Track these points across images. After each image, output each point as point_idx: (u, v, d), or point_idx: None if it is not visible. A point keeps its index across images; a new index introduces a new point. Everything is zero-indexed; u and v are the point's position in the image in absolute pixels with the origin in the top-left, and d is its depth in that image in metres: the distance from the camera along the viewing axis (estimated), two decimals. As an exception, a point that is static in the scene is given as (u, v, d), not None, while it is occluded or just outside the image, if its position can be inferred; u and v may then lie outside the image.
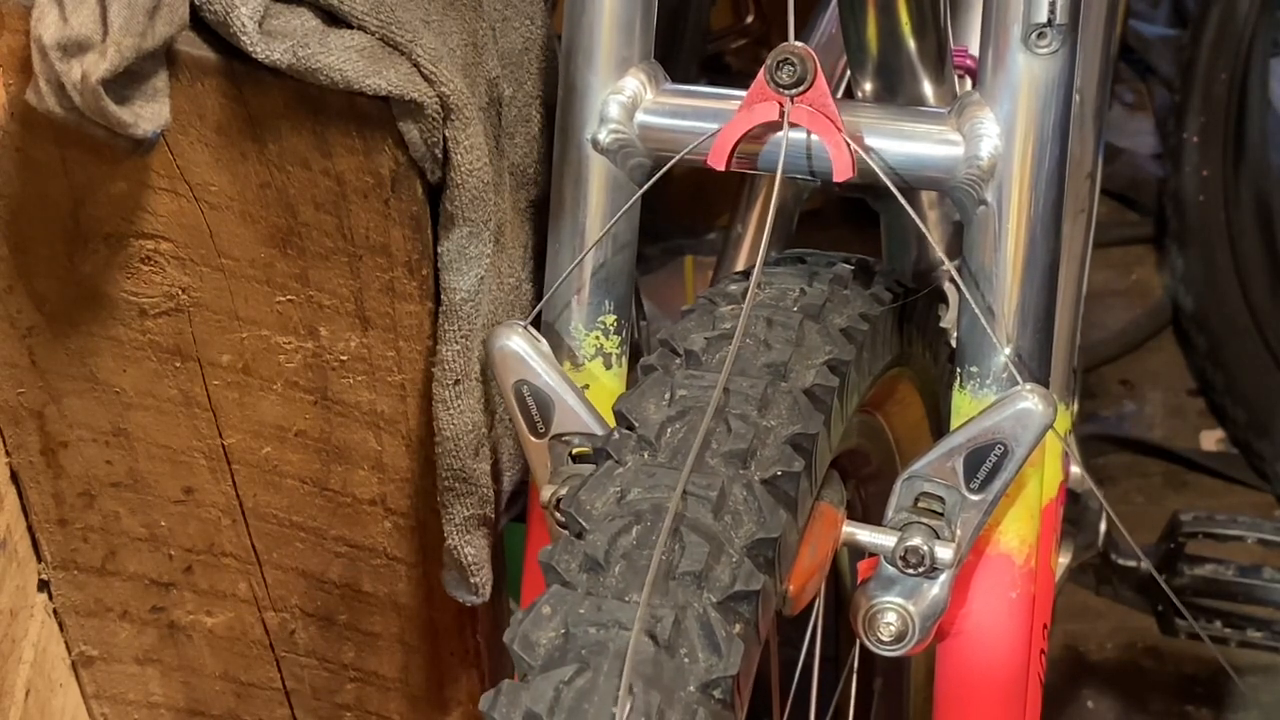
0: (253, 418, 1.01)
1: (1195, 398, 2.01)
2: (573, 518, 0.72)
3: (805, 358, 0.80)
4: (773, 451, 0.74)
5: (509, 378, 0.86)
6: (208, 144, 0.91)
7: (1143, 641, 1.69)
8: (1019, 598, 0.88)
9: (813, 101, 0.82)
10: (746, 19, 1.91)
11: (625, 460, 0.75)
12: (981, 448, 0.82)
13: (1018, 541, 0.87)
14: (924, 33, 0.96)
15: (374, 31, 0.88)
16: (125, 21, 0.81)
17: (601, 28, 0.88)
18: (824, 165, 0.84)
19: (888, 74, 0.97)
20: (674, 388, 0.78)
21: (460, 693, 1.15)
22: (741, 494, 0.72)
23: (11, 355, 0.99)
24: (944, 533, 0.83)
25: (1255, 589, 1.42)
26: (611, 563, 0.69)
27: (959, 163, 0.83)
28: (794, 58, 0.81)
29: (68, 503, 1.05)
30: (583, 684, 0.65)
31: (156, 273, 0.95)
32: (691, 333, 0.82)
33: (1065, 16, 0.80)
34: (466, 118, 0.90)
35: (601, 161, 0.89)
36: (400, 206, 0.93)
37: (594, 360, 0.91)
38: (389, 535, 1.06)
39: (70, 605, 1.10)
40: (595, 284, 0.91)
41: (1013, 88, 0.82)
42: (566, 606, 0.68)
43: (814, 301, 0.84)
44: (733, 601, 0.69)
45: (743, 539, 0.71)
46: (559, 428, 0.86)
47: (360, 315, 0.97)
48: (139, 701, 1.15)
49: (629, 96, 0.88)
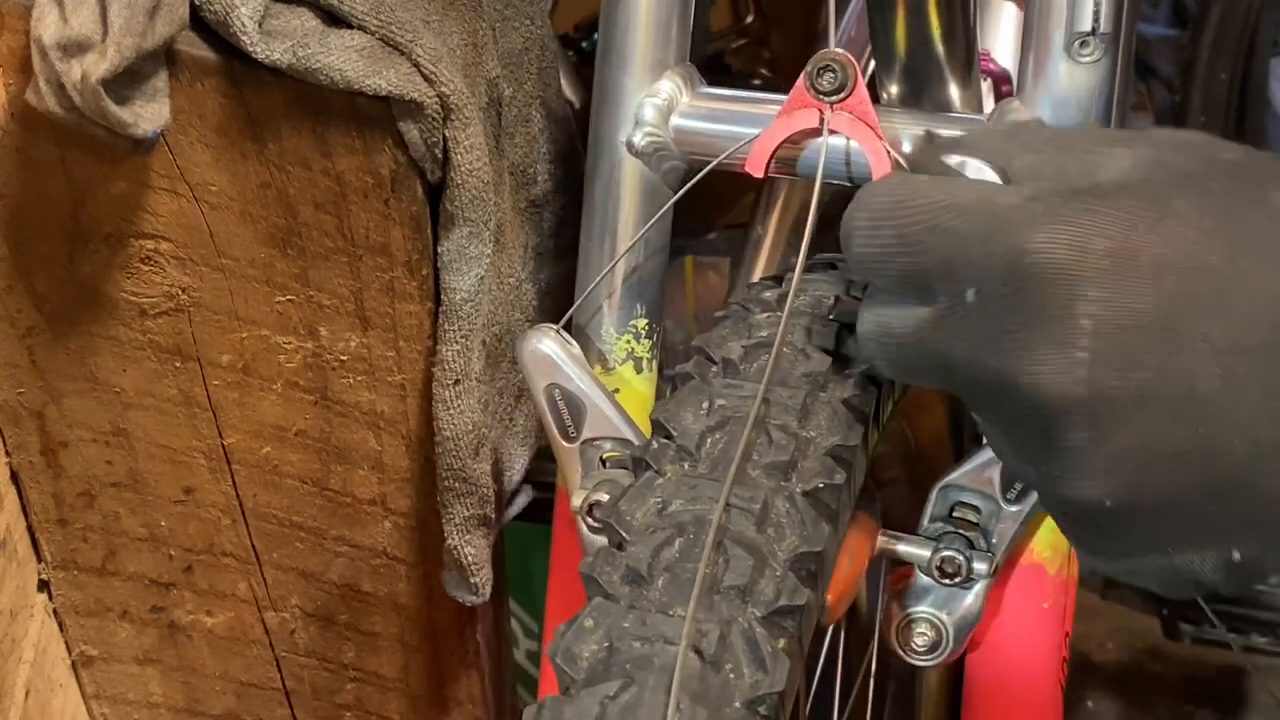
0: (253, 418, 1.01)
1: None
2: (613, 528, 0.71)
3: (844, 367, 0.79)
4: (814, 463, 0.73)
5: (540, 381, 0.85)
6: (208, 144, 0.91)
7: (1143, 642, 1.69)
8: (1051, 608, 0.87)
9: (853, 108, 0.81)
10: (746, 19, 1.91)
11: (665, 470, 0.74)
12: None
13: (1050, 552, 0.86)
14: (953, 36, 0.95)
15: (374, 31, 0.88)
16: (125, 21, 0.81)
17: (638, 30, 0.87)
18: (862, 171, 0.83)
19: (915, 77, 0.97)
20: (712, 397, 0.77)
21: (460, 693, 1.15)
22: (784, 506, 0.71)
23: (11, 355, 0.99)
24: (980, 543, 0.82)
25: (1260, 594, 1.42)
26: (655, 575, 0.68)
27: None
28: (835, 64, 0.80)
29: (68, 503, 1.05)
30: (628, 699, 0.63)
31: (156, 273, 0.95)
32: (728, 340, 0.80)
33: (1109, 25, 0.80)
34: (466, 118, 0.90)
35: (635, 164, 0.88)
36: (400, 206, 0.93)
37: (625, 364, 0.91)
38: (389, 535, 1.06)
39: (70, 605, 1.10)
40: (627, 288, 0.90)
41: (1053, 95, 0.81)
42: (609, 620, 0.67)
43: (850, 309, 0.82)
44: (777, 616, 0.68)
45: (785, 552, 0.70)
46: (590, 432, 0.85)
47: (360, 315, 0.97)
48: (139, 701, 1.15)
49: (665, 99, 0.87)
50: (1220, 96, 2.04)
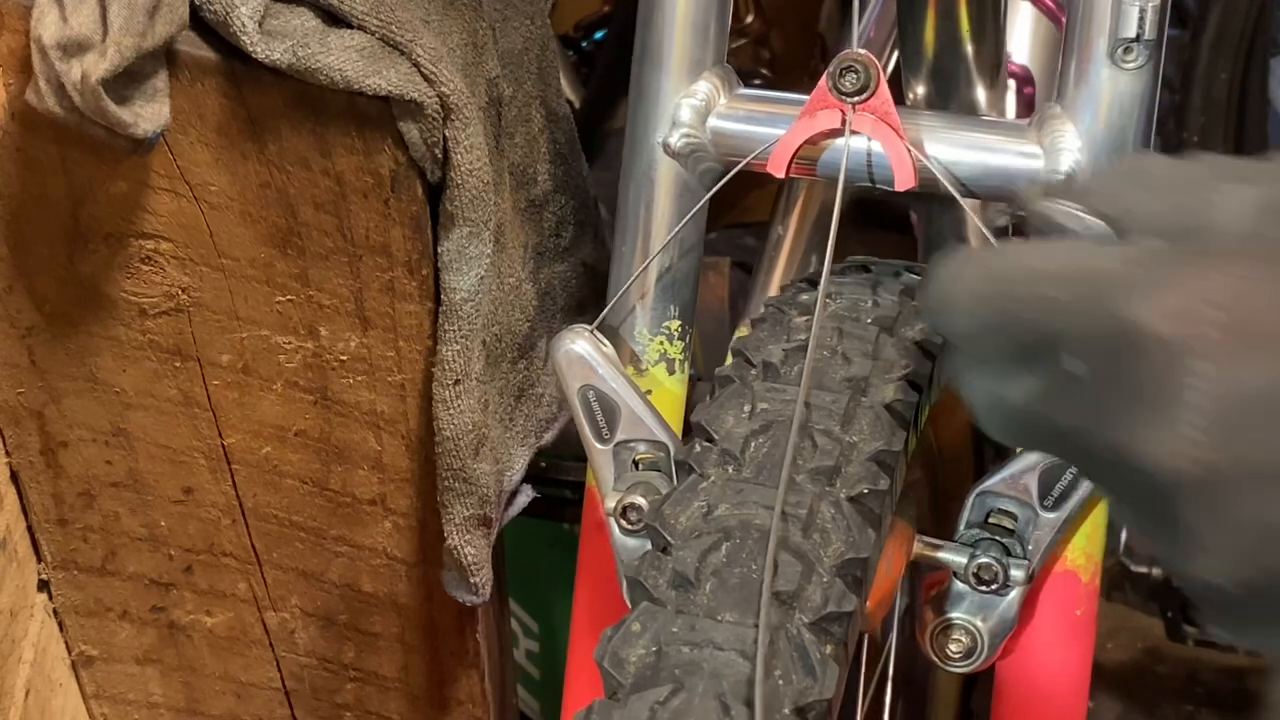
0: (253, 418, 1.01)
1: (1195, 398, 2.00)
2: (658, 532, 0.71)
3: (884, 372, 0.79)
4: (858, 469, 0.73)
5: (574, 382, 0.85)
6: (208, 144, 0.91)
7: (1145, 642, 1.69)
8: (1083, 615, 0.87)
9: (875, 109, 0.81)
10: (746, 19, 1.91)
11: (709, 474, 0.73)
12: (1056, 465, 0.81)
13: (1084, 559, 0.86)
14: (983, 37, 0.95)
15: (374, 31, 0.88)
16: (125, 21, 0.81)
17: (675, 31, 0.86)
18: (884, 173, 0.83)
19: (942, 78, 0.97)
20: (754, 400, 0.76)
21: (460, 693, 1.15)
22: (829, 512, 0.71)
23: (11, 355, 0.99)
24: (1016, 550, 0.82)
25: None
26: (702, 580, 0.68)
27: (1038, 176, 0.82)
28: (857, 65, 0.80)
29: (68, 503, 1.05)
30: (678, 704, 0.63)
31: (156, 273, 0.95)
32: (766, 343, 0.80)
33: (1153, 32, 0.79)
34: (466, 118, 0.90)
35: (671, 165, 0.88)
36: (400, 206, 0.93)
37: (657, 365, 0.90)
38: (389, 535, 1.06)
39: (70, 605, 1.10)
40: (660, 289, 0.90)
41: (1095, 102, 0.81)
42: (657, 624, 0.67)
43: (887, 313, 0.82)
44: (825, 622, 0.67)
45: (832, 558, 0.70)
46: (624, 434, 0.84)
47: (360, 315, 0.97)
48: (139, 701, 1.15)
49: (702, 100, 0.87)
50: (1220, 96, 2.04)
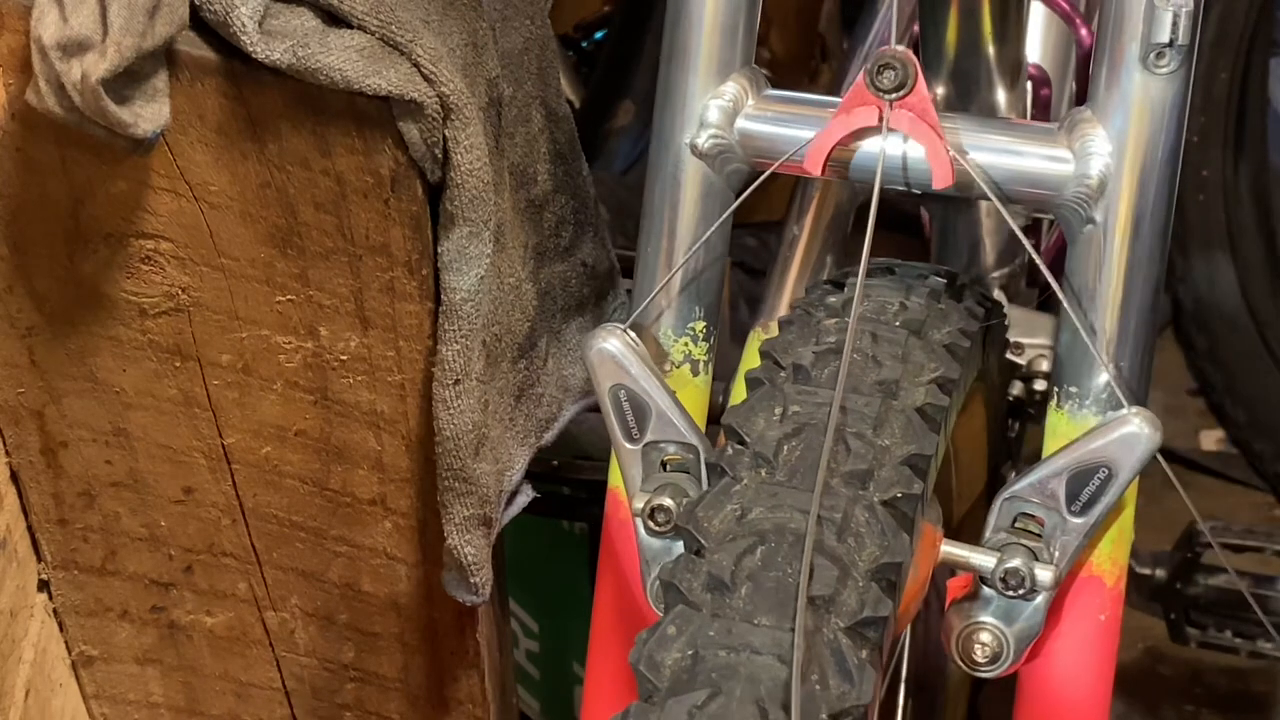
0: (253, 418, 1.01)
1: (1195, 397, 2.01)
2: (691, 535, 0.71)
3: (914, 375, 0.79)
4: (891, 472, 0.73)
5: (606, 381, 0.84)
6: (208, 144, 0.91)
7: (1145, 642, 1.69)
8: (1108, 620, 0.87)
9: (913, 107, 0.80)
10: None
11: (741, 477, 0.73)
12: (1084, 471, 0.80)
13: (1109, 564, 0.86)
14: (1004, 39, 0.95)
15: (374, 31, 0.88)
16: (125, 21, 0.81)
17: (703, 32, 0.86)
18: (920, 173, 0.82)
19: (963, 79, 0.96)
20: (786, 403, 0.76)
21: (460, 693, 1.15)
22: (863, 516, 0.71)
23: (11, 355, 0.99)
24: (1043, 555, 0.81)
25: (1269, 600, 1.42)
26: (738, 584, 0.68)
27: (1068, 180, 0.82)
28: (895, 62, 0.79)
29: (68, 503, 1.05)
30: (715, 708, 0.63)
31: (156, 273, 0.95)
32: (795, 345, 0.80)
33: (1186, 37, 0.79)
34: (466, 118, 0.90)
35: (698, 166, 0.87)
36: (400, 206, 0.93)
37: (682, 366, 0.90)
38: (389, 535, 1.06)
39: (70, 605, 1.10)
40: (686, 290, 0.89)
41: (1127, 106, 0.80)
42: (693, 628, 0.67)
43: (916, 316, 0.82)
44: (861, 627, 0.67)
45: (866, 562, 0.70)
46: (654, 435, 0.84)
47: (360, 315, 0.97)
48: (139, 701, 1.15)
49: (730, 101, 0.86)
50: (1220, 96, 2.04)
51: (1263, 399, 1.92)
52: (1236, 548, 1.44)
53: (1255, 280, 1.98)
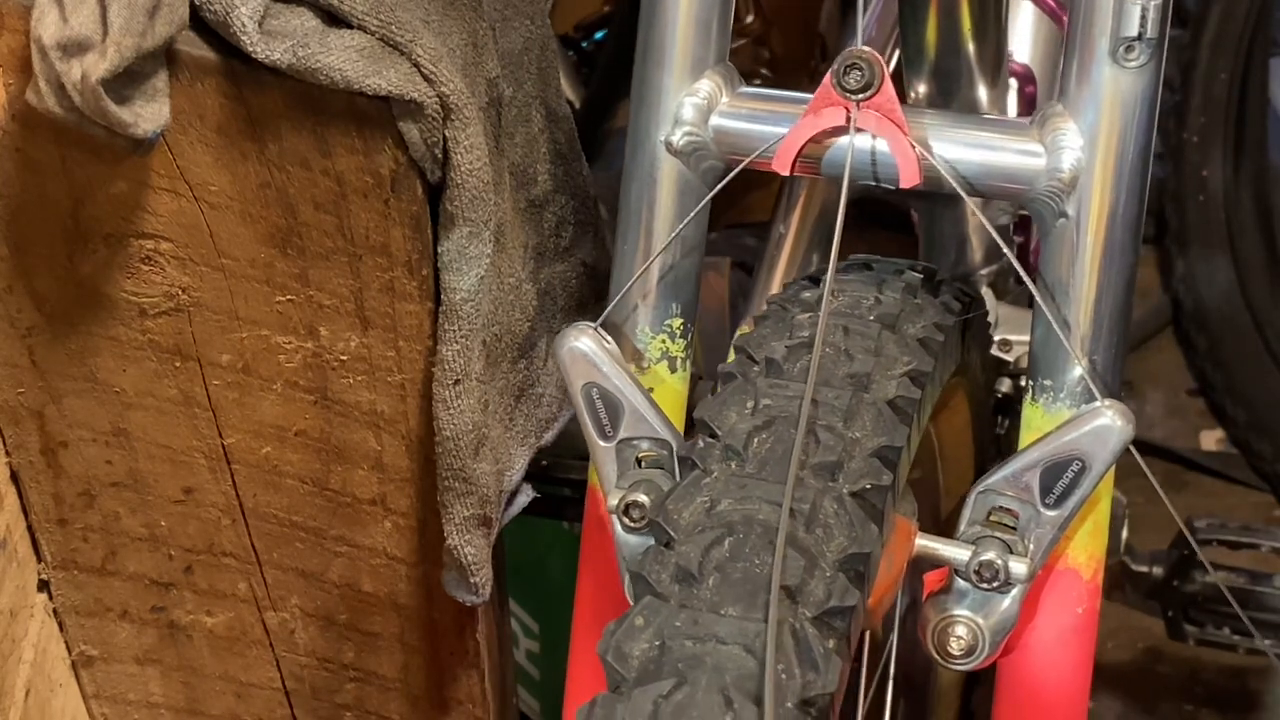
0: (253, 418, 1.01)
1: (1195, 398, 2.01)
2: (661, 527, 0.72)
3: (886, 368, 0.79)
4: (860, 464, 0.74)
5: (578, 380, 0.85)
6: (208, 144, 0.91)
7: (1144, 641, 1.69)
8: (1085, 613, 0.87)
9: (879, 106, 0.81)
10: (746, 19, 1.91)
11: (712, 469, 0.74)
12: (1058, 464, 0.81)
13: (1086, 557, 0.86)
14: (984, 37, 0.95)
15: (374, 31, 0.88)
16: (125, 21, 0.81)
17: (677, 29, 0.86)
18: (889, 171, 0.83)
19: (944, 77, 0.96)
20: (757, 396, 0.77)
21: (460, 693, 1.15)
22: (832, 507, 0.72)
23: (11, 355, 0.99)
24: (1017, 548, 0.82)
25: (1267, 596, 1.42)
26: (705, 575, 0.69)
27: (1040, 175, 0.82)
28: (862, 62, 0.80)
29: (68, 503, 1.05)
30: (681, 698, 0.64)
31: (156, 273, 0.95)
32: (769, 340, 0.81)
33: (1155, 31, 0.79)
34: (466, 118, 0.90)
35: (673, 163, 0.87)
36: (400, 206, 0.93)
37: (659, 363, 0.90)
38: (389, 535, 1.06)
39: (70, 605, 1.10)
40: (662, 287, 0.90)
41: (1097, 100, 0.81)
42: (660, 618, 0.67)
43: (890, 310, 0.83)
44: (828, 617, 0.68)
45: (834, 553, 0.70)
46: (627, 432, 0.85)
47: (360, 315, 0.97)
48: (139, 701, 1.15)
49: (704, 98, 0.86)
50: (1220, 96, 2.04)
51: (1263, 399, 1.92)
52: (1233, 544, 1.44)
53: (1255, 280, 1.98)
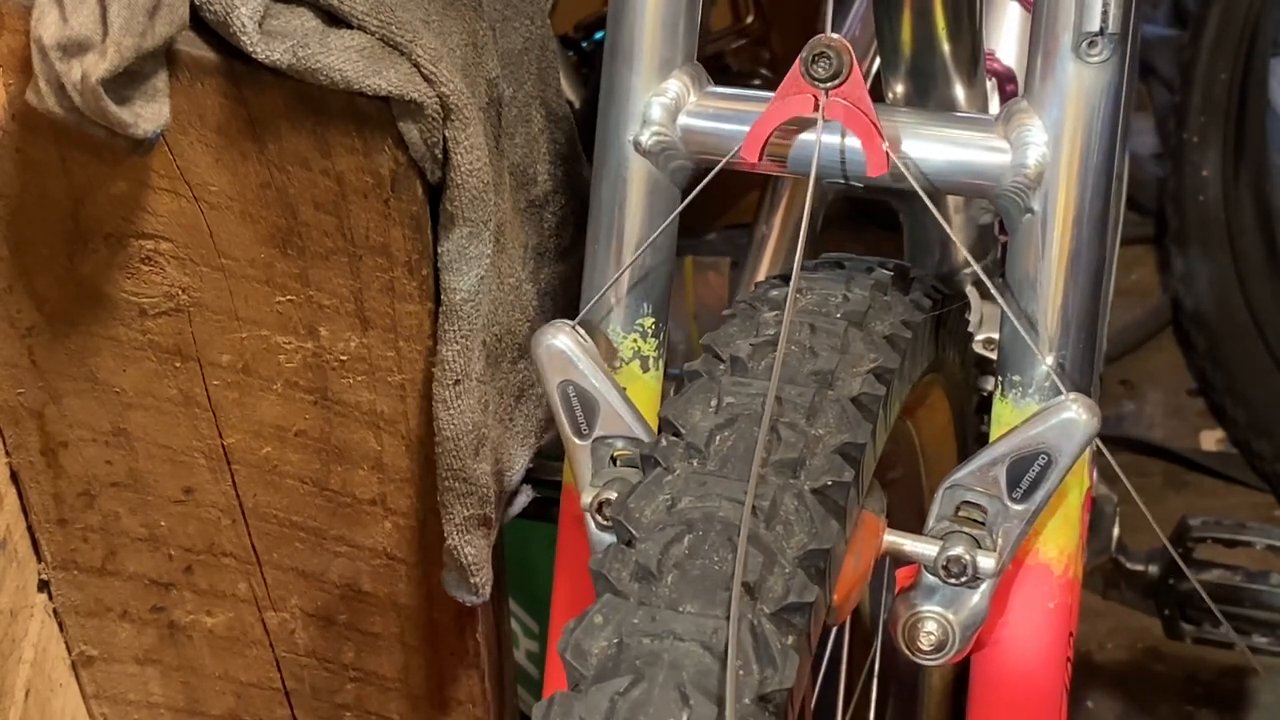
0: (253, 418, 1.01)
1: (1195, 398, 2.01)
2: (622, 525, 0.72)
3: (851, 365, 0.79)
4: (822, 461, 0.74)
5: (554, 377, 0.85)
6: (208, 144, 0.91)
7: (1143, 641, 1.69)
8: (1056, 608, 0.87)
9: (848, 95, 0.81)
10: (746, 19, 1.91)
11: (674, 467, 0.74)
12: (1025, 458, 0.81)
13: (1056, 551, 0.86)
14: (959, 36, 0.95)
15: (374, 31, 0.88)
16: (125, 21, 0.81)
17: (644, 29, 0.86)
18: (856, 164, 0.83)
19: (920, 76, 0.97)
20: (721, 394, 0.77)
21: (460, 693, 1.15)
22: (793, 504, 0.72)
23: (11, 355, 0.99)
24: (985, 542, 0.82)
25: (1262, 594, 1.42)
26: (664, 572, 0.69)
27: (1006, 170, 0.82)
28: (830, 50, 0.80)
29: (68, 503, 1.05)
30: (638, 695, 0.64)
31: (156, 273, 0.96)
32: (735, 338, 0.81)
33: (1118, 25, 0.79)
34: (466, 118, 0.90)
35: (642, 163, 0.88)
36: (400, 206, 0.93)
37: (631, 362, 0.91)
38: (389, 535, 1.06)
39: (70, 605, 1.10)
40: (634, 287, 0.90)
41: (1061, 96, 0.81)
42: (619, 616, 0.68)
43: (857, 308, 0.83)
44: (786, 613, 0.68)
45: (794, 549, 0.70)
46: (603, 430, 0.85)
47: (360, 315, 0.97)
48: (139, 701, 1.15)
49: (672, 98, 0.87)
50: (1220, 96, 2.04)
51: (1263, 399, 1.92)
52: (1229, 543, 1.44)
53: (1255, 280, 1.98)
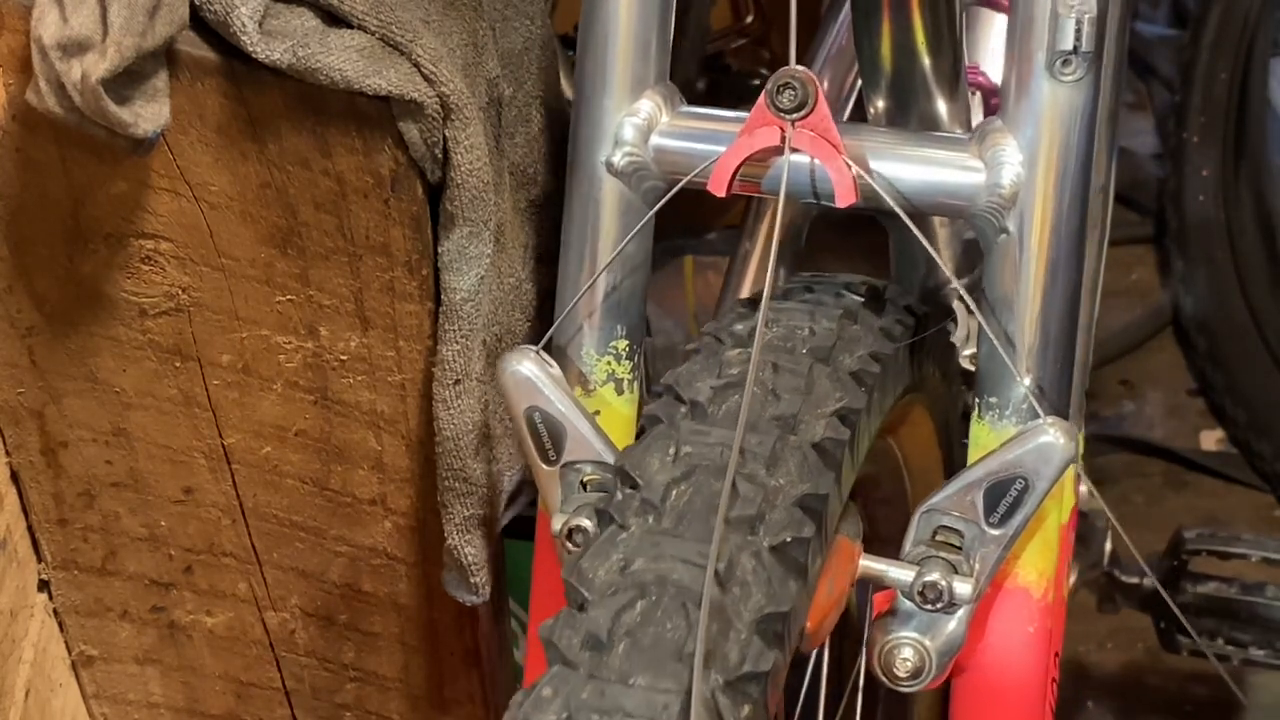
0: (253, 418, 1.01)
1: (1195, 398, 2.00)
2: (574, 588, 0.70)
3: (815, 407, 0.77)
4: (782, 515, 0.72)
5: (521, 404, 0.84)
6: (208, 144, 0.91)
7: (1141, 644, 1.69)
8: (1036, 632, 0.86)
9: (814, 126, 0.80)
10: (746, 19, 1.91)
11: (629, 524, 0.71)
12: (1002, 482, 0.80)
13: (1035, 575, 0.85)
14: (939, 51, 0.94)
15: (374, 31, 0.88)
16: (125, 21, 0.81)
17: (616, 49, 0.86)
18: (827, 189, 0.82)
19: (901, 92, 0.96)
20: (680, 443, 0.75)
21: (460, 693, 1.15)
22: (750, 564, 0.69)
23: (11, 355, 0.99)
24: (962, 567, 0.81)
25: (1258, 607, 1.42)
26: (615, 641, 0.66)
27: (980, 190, 0.82)
28: (795, 82, 0.79)
29: (68, 503, 1.05)
30: None
31: (156, 273, 0.96)
32: (697, 379, 0.79)
33: (1090, 44, 0.79)
34: (466, 118, 0.90)
35: (614, 184, 0.87)
36: (400, 206, 0.93)
37: (605, 385, 0.89)
38: (389, 535, 1.06)
39: (70, 605, 1.10)
40: (607, 308, 0.89)
41: (1036, 115, 0.80)
42: (569, 689, 0.65)
43: (823, 343, 0.81)
44: (742, 683, 0.66)
45: (751, 612, 0.68)
46: (570, 455, 0.84)
47: (360, 315, 0.97)
48: (139, 701, 1.15)
49: (644, 119, 0.86)
50: (1220, 96, 2.04)
51: (1263, 399, 1.92)
52: (1224, 555, 1.43)
53: (1255, 280, 1.98)
